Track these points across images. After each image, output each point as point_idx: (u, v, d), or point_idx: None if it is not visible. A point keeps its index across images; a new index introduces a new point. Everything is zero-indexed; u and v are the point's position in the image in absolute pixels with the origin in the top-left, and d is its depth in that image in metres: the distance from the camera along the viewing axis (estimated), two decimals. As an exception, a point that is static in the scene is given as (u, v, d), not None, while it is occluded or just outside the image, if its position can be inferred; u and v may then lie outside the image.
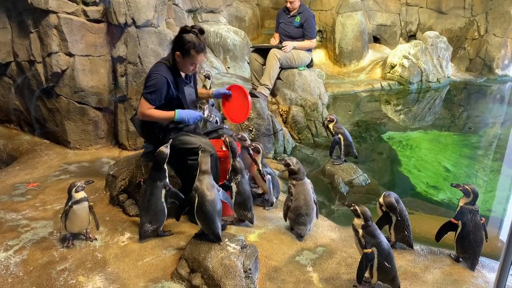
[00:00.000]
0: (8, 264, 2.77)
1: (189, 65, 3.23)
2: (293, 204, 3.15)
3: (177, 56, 3.18)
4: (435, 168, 5.09)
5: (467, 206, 2.89)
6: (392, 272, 2.55)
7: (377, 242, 2.52)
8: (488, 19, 9.75)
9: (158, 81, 3.15)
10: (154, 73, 3.19)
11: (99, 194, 3.73)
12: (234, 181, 3.17)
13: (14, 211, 3.44)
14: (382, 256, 2.51)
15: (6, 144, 4.82)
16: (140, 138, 4.56)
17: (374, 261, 2.51)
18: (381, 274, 2.56)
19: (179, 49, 3.16)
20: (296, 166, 3.24)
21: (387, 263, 2.51)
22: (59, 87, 4.53)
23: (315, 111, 5.56)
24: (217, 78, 6.58)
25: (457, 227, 2.90)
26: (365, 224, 2.56)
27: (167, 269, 2.78)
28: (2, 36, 4.73)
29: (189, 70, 3.29)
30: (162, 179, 3.03)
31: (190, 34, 3.14)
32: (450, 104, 8.33)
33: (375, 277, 2.57)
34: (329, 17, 9.58)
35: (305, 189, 3.19)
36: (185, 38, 3.13)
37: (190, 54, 3.14)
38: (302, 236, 3.16)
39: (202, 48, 3.16)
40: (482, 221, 2.88)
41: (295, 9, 5.64)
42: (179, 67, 3.25)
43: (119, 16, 4.36)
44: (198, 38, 3.13)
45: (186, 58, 3.17)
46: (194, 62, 3.21)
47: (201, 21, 7.61)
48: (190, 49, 3.12)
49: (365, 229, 2.55)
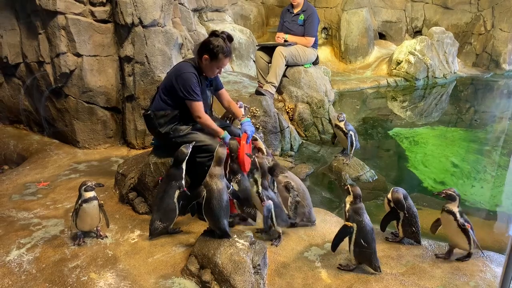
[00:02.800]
0: (21, 262, 2.82)
1: (215, 68, 3.30)
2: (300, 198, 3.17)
3: (204, 59, 3.24)
4: (442, 163, 5.09)
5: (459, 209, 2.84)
6: (369, 253, 2.73)
7: (359, 220, 2.73)
8: (494, 13, 9.69)
9: (192, 78, 3.22)
10: (187, 72, 3.24)
11: (109, 193, 3.78)
12: (235, 181, 3.17)
13: (25, 210, 3.50)
14: (360, 234, 2.71)
15: (16, 144, 4.89)
16: (148, 136, 4.60)
17: (352, 236, 2.72)
18: (358, 252, 2.74)
19: (207, 52, 3.21)
20: (272, 163, 3.23)
21: (364, 241, 2.70)
22: (68, 87, 4.58)
23: (322, 108, 5.57)
24: (223, 76, 6.62)
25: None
26: (353, 201, 2.78)
27: (177, 266, 2.81)
28: (11, 38, 4.79)
29: (214, 73, 3.35)
30: (178, 179, 3.06)
31: (219, 38, 3.22)
32: (457, 99, 8.30)
33: (352, 252, 2.77)
34: (334, 14, 9.57)
35: (296, 179, 3.27)
36: (214, 42, 3.20)
37: (218, 58, 3.21)
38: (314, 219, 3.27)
39: (230, 53, 3.25)
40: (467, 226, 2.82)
41: (299, 5, 5.64)
42: (205, 69, 3.31)
43: (126, 16, 4.40)
44: (225, 43, 3.21)
45: (214, 61, 3.23)
46: (221, 65, 3.29)
47: (206, 20, 7.64)
48: (219, 53, 3.19)
49: (352, 206, 2.77)
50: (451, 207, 2.82)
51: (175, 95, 3.25)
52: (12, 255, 2.88)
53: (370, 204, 4.00)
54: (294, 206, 3.17)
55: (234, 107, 3.66)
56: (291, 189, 3.14)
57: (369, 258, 2.74)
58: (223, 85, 3.71)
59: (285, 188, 3.16)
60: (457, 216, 2.79)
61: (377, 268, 2.74)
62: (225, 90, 3.71)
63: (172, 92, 3.26)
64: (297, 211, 3.19)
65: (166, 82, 3.33)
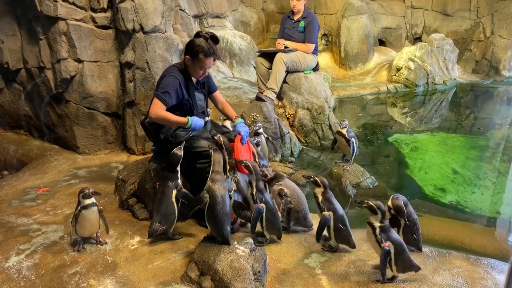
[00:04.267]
0: (20, 268, 2.80)
1: (198, 69, 3.27)
2: (294, 204, 3.18)
3: (187, 60, 3.24)
4: (443, 170, 5.08)
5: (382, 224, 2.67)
6: (347, 234, 3.00)
7: (333, 208, 2.98)
8: (493, 20, 9.74)
9: (171, 82, 3.21)
10: (167, 74, 3.26)
11: (109, 199, 3.77)
12: (234, 179, 3.15)
13: (25, 215, 3.49)
14: (337, 219, 2.96)
15: (16, 150, 4.88)
16: (148, 142, 4.60)
17: (331, 223, 2.95)
18: (338, 235, 2.99)
19: (188, 52, 3.22)
20: (272, 173, 3.30)
21: (342, 225, 2.96)
22: (68, 93, 4.58)
23: (322, 114, 5.58)
24: (223, 82, 6.64)
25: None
26: (324, 191, 3.02)
27: (177, 272, 2.80)
28: (12, 43, 4.81)
29: (198, 75, 3.32)
30: (174, 179, 3.07)
31: (200, 38, 3.20)
32: (457, 106, 8.31)
33: (332, 237, 3.00)
34: (334, 20, 9.61)
35: (291, 185, 3.31)
36: (195, 42, 3.19)
37: (198, 58, 3.19)
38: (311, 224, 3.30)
39: (211, 53, 3.20)
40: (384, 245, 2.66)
41: (299, 12, 5.67)
42: (190, 71, 3.30)
43: (127, 22, 4.41)
44: (208, 43, 3.18)
45: (195, 61, 3.21)
46: (203, 66, 3.24)
47: (207, 26, 7.67)
48: (199, 53, 3.17)
49: (323, 196, 3.00)
50: (372, 220, 2.70)
51: None
52: (11, 261, 2.87)
53: (371, 210, 3.99)
54: (286, 212, 3.24)
55: (228, 109, 3.66)
56: (284, 196, 3.22)
57: (347, 238, 3.02)
58: (217, 87, 3.70)
59: (278, 194, 3.22)
60: (376, 231, 2.66)
61: (354, 246, 3.03)
62: (219, 93, 3.70)
63: None
64: (290, 216, 3.26)
65: (156, 86, 3.35)
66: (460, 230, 3.74)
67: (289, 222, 3.28)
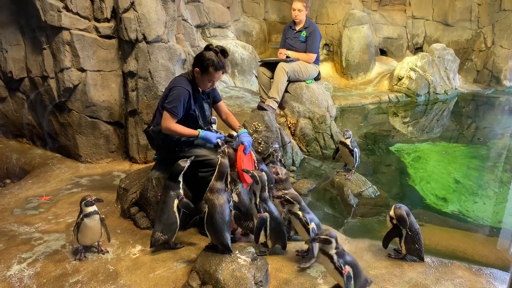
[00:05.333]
0: (22, 277, 2.81)
1: (207, 82, 3.32)
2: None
3: (196, 72, 3.28)
4: (444, 180, 5.08)
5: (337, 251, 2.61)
6: (283, 235, 3.06)
7: (269, 210, 2.98)
8: (494, 31, 9.78)
9: (180, 93, 3.24)
10: (176, 85, 3.29)
11: (111, 207, 3.77)
12: (235, 192, 3.17)
13: (27, 224, 3.49)
14: (272, 221, 2.97)
15: (18, 158, 4.90)
16: (150, 151, 4.61)
17: (267, 224, 2.96)
18: (274, 237, 3.02)
19: (198, 65, 3.25)
20: (285, 176, 3.26)
21: (277, 226, 3.00)
22: (71, 102, 4.61)
23: (323, 123, 5.59)
24: (225, 91, 6.67)
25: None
26: (261, 191, 3.00)
27: (178, 282, 2.79)
28: (16, 53, 4.85)
29: (206, 87, 3.37)
30: (176, 189, 3.08)
31: (211, 52, 3.24)
32: (458, 115, 8.32)
33: (268, 237, 3.01)
34: (336, 30, 9.66)
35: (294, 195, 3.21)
36: (205, 55, 3.23)
37: (208, 71, 3.24)
38: None
39: (221, 67, 3.25)
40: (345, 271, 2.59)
41: (301, 22, 5.70)
42: (198, 82, 3.34)
43: (130, 32, 4.45)
44: (218, 57, 3.22)
45: (205, 74, 3.26)
46: (212, 79, 3.30)
47: (209, 36, 7.72)
48: (209, 66, 3.22)
49: (260, 195, 3.00)
50: (327, 249, 2.62)
51: None
52: (13, 269, 2.87)
53: (372, 220, 3.99)
54: (287, 221, 3.23)
55: (231, 119, 3.68)
56: (286, 205, 3.16)
57: (283, 240, 3.05)
58: (221, 98, 3.74)
59: (281, 203, 3.19)
60: (334, 258, 2.59)
61: (286, 247, 3.06)
62: (223, 103, 3.74)
63: None
64: (291, 225, 3.22)
65: (163, 97, 3.37)
66: (462, 240, 3.73)
67: (289, 231, 3.27)
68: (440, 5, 10.30)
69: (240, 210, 3.11)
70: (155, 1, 4.54)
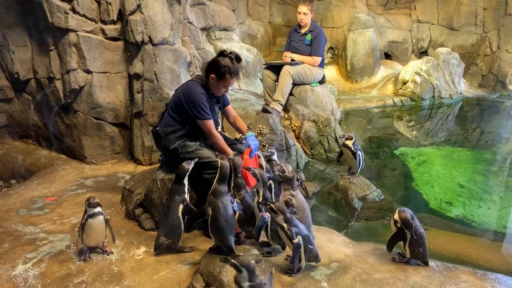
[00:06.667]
0: (27, 277, 2.82)
1: (222, 88, 3.36)
2: (300, 216, 3.14)
3: (211, 78, 3.30)
4: (449, 184, 5.06)
5: None
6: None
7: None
8: (500, 35, 9.76)
9: (201, 98, 3.29)
10: (194, 92, 3.30)
11: (115, 208, 3.79)
12: (238, 197, 3.17)
13: (32, 224, 3.51)
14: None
15: (24, 159, 4.92)
16: (155, 153, 4.63)
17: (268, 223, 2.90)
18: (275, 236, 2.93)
19: (214, 72, 3.27)
20: (291, 174, 3.12)
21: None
22: (77, 103, 4.64)
23: (328, 126, 5.59)
24: (230, 94, 6.67)
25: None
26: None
27: (182, 283, 2.80)
28: (23, 54, 4.88)
29: (220, 92, 3.41)
30: (181, 193, 3.08)
31: (226, 58, 3.27)
32: (463, 120, 8.30)
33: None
34: (341, 34, 9.67)
35: (300, 197, 3.16)
36: (221, 62, 3.25)
37: (224, 78, 3.27)
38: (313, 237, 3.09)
39: (237, 73, 3.31)
40: None
41: (306, 26, 5.71)
42: (211, 88, 3.37)
43: (136, 34, 4.47)
44: (233, 63, 3.26)
45: (221, 81, 3.30)
46: (227, 85, 3.35)
47: (214, 39, 7.75)
48: (226, 73, 3.25)
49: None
50: (279, 221, 2.78)
51: (184, 113, 3.30)
52: (18, 269, 2.89)
53: (377, 223, 3.99)
54: None
55: (239, 123, 3.72)
56: (290, 206, 3.12)
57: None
58: (229, 101, 3.76)
59: (285, 202, 3.16)
60: (285, 228, 2.76)
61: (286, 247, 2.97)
62: (231, 107, 3.77)
63: (181, 110, 3.31)
64: None
65: (175, 99, 3.37)
66: (467, 244, 3.71)
67: None
68: (446, 9, 10.29)
69: (246, 214, 3.11)
70: (161, 3, 4.57)
